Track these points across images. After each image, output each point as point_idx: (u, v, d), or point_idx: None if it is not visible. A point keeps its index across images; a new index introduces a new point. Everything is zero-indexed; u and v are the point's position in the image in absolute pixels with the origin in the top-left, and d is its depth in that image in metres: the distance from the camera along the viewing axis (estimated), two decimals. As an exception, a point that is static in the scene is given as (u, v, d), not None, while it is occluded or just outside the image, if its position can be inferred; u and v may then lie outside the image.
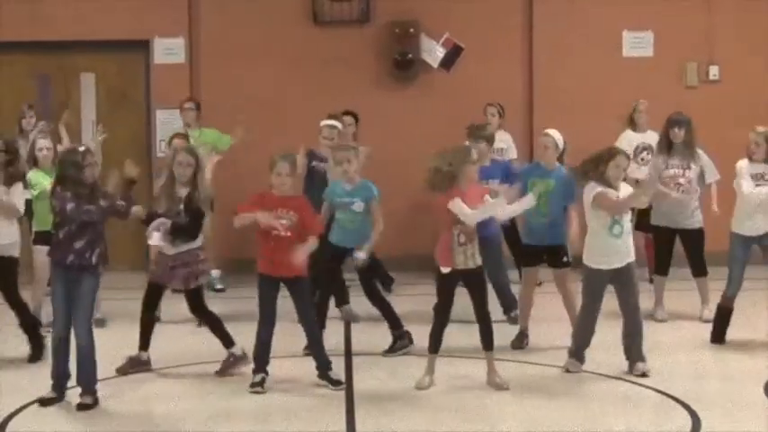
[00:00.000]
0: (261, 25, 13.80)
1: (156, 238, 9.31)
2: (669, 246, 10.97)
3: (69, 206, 8.06)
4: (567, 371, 9.10)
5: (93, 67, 13.95)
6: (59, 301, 8.25)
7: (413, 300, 11.49)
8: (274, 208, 8.57)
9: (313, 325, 8.92)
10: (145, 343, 9.23)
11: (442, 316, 8.77)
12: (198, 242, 9.16)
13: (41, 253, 9.69)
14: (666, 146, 10.91)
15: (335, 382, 8.72)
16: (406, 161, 12.49)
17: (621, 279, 8.96)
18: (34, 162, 10.43)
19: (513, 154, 12.82)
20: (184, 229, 9.01)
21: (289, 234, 8.58)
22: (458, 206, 8.45)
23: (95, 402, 8.26)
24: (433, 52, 13.89)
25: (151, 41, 13.83)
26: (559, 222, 9.72)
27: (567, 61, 13.87)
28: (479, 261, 8.67)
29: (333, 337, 9.90)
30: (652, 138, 12.14)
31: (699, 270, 10.99)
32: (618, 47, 14.02)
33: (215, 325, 9.24)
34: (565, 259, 9.81)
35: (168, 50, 13.82)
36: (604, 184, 8.81)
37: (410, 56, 13.82)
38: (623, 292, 9.02)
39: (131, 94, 14.05)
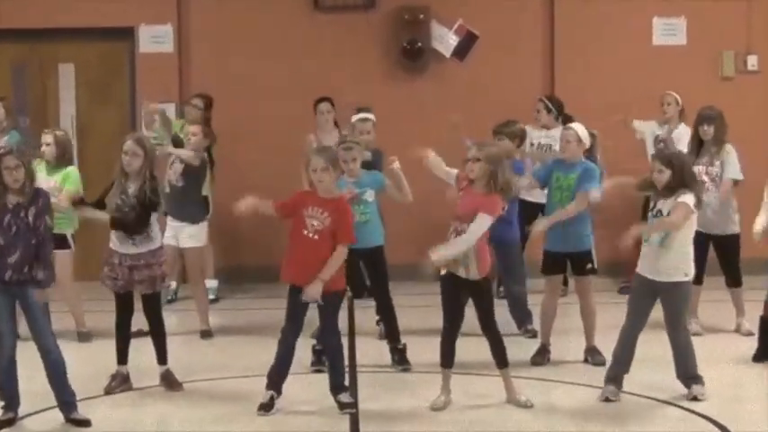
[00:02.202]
0: (257, 11, 13.49)
1: None
2: (703, 252, 10.22)
3: None
4: (608, 400, 8.50)
5: (73, 57, 13.54)
6: (4, 321, 7.97)
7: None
8: (309, 206, 8.22)
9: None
10: (123, 357, 9.03)
11: (444, 326, 8.40)
12: (158, 242, 8.94)
13: (61, 257, 9.84)
14: (697, 144, 10.51)
15: (345, 405, 8.33)
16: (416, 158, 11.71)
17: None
18: None
19: None
20: (128, 224, 8.77)
21: (316, 237, 8.18)
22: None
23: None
24: (445, 40, 13.48)
25: (136, 29, 13.45)
26: (585, 222, 9.47)
27: (592, 50, 13.47)
28: (475, 273, 8.23)
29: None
30: (677, 133, 11.96)
31: (734, 279, 10.55)
32: (648, 35, 13.61)
33: (161, 336, 8.99)
34: (589, 266, 9.53)
35: (155, 39, 13.43)
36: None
37: (420, 44, 13.44)
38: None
39: (114, 86, 13.64)
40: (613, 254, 9.78)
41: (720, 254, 10.48)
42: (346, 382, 8.43)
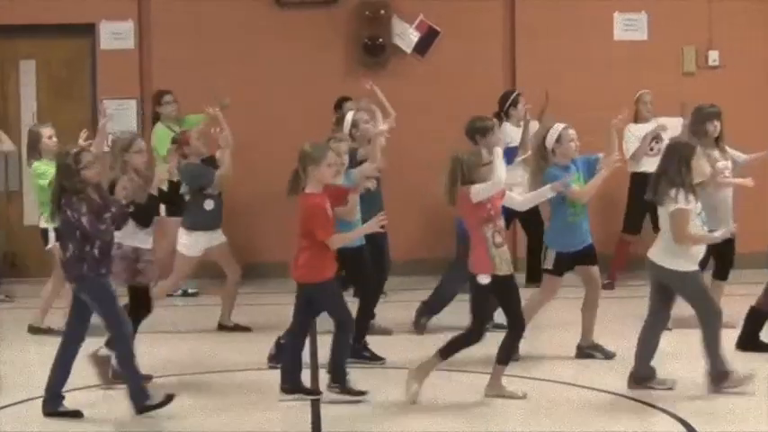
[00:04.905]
0: (219, 7, 13.38)
1: None
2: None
3: (86, 221, 7.87)
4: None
5: (34, 54, 13.45)
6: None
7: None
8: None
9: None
10: None
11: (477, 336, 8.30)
12: None
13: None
14: (699, 140, 10.13)
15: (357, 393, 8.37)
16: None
17: None
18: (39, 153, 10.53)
19: None
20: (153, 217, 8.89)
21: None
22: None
23: None
24: (406, 36, 13.47)
25: (97, 25, 13.34)
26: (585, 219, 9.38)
27: (553, 45, 13.36)
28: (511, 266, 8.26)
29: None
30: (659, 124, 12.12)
31: (723, 273, 10.33)
32: (609, 30, 13.58)
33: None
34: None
35: (116, 35, 13.33)
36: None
37: (381, 40, 13.39)
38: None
39: (76, 82, 13.54)
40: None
41: (716, 247, 9.92)
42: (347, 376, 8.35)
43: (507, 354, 8.31)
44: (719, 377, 8.30)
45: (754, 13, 13.40)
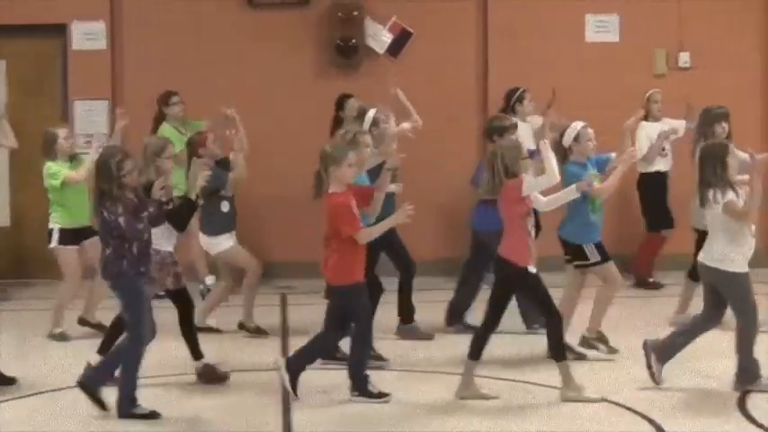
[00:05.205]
0: (191, 8, 13.28)
1: None
2: None
3: (123, 221, 7.98)
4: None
5: (4, 54, 13.30)
6: (150, 316, 8.24)
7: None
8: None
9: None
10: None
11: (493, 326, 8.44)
12: None
13: (69, 253, 10.31)
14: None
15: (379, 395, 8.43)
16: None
17: None
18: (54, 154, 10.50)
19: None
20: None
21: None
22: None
23: None
24: (379, 37, 13.38)
25: (68, 26, 13.21)
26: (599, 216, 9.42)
27: (526, 47, 13.36)
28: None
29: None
30: (669, 125, 12.25)
31: None
32: (581, 31, 13.56)
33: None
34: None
35: (88, 35, 13.22)
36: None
37: (354, 41, 13.28)
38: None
39: (47, 83, 13.42)
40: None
41: None
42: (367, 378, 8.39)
43: (558, 348, 8.33)
44: (748, 378, 8.38)
45: (723, 15, 13.38)
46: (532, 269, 8.29)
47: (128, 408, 7.95)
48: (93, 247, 9.94)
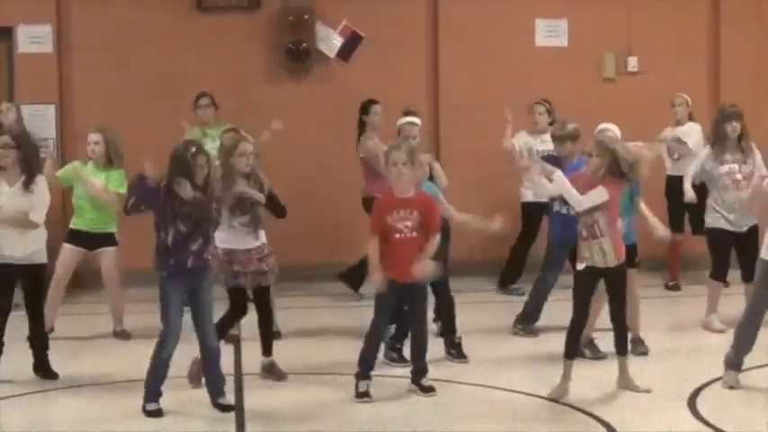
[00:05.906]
0: (138, 11, 13.20)
1: None
2: (729, 250, 10.45)
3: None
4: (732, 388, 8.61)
5: None
6: (177, 315, 8.11)
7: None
8: (393, 210, 8.44)
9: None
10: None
11: (574, 319, 8.58)
12: None
13: (68, 253, 10.35)
14: (719, 141, 10.42)
15: (428, 389, 8.62)
16: (299, 160, 12.57)
17: None
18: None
19: None
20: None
21: (414, 235, 8.45)
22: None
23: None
24: (330, 41, 13.38)
25: (14, 29, 13.10)
26: (628, 219, 9.32)
27: (476, 50, 13.43)
28: (612, 259, 8.43)
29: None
30: (682, 132, 12.39)
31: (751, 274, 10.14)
32: (530, 36, 13.64)
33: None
34: (636, 260, 9.54)
35: (34, 39, 13.12)
36: None
37: (305, 45, 13.27)
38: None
39: None
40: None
41: (744, 249, 10.24)
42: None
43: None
44: None
45: (671, 21, 13.52)
46: (579, 266, 8.47)
47: (146, 400, 8.05)
48: (105, 257, 10.36)
